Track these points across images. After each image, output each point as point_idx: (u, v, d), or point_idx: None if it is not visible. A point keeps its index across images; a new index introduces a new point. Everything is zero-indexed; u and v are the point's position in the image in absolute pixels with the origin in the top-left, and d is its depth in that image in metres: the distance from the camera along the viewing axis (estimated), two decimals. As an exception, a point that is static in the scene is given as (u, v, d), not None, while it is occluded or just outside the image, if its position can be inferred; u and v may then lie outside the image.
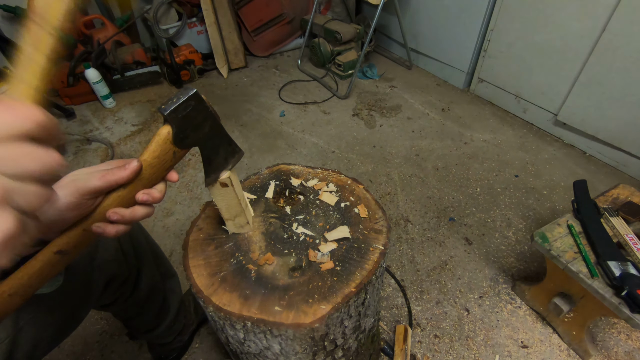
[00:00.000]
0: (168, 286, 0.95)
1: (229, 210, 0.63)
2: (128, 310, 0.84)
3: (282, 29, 2.77)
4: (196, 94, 0.49)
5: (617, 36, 1.48)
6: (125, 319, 0.91)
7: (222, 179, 0.57)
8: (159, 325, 0.94)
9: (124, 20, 2.61)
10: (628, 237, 0.93)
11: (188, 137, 0.50)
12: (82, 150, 1.95)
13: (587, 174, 1.68)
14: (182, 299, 1.03)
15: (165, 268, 0.96)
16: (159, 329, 0.94)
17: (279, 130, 2.03)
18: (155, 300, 0.89)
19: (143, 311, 0.87)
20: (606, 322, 1.13)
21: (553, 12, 1.68)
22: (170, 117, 0.48)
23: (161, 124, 0.50)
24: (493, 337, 1.10)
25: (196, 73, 2.50)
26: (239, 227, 0.67)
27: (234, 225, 0.67)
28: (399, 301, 1.20)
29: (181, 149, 0.51)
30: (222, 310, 0.55)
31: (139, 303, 0.83)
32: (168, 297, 0.94)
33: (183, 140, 0.50)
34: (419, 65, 2.63)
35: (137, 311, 0.86)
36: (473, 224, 1.46)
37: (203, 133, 0.52)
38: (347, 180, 0.79)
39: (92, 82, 2.13)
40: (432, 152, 1.84)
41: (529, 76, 1.92)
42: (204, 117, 0.52)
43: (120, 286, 0.75)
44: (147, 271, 0.82)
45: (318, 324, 0.53)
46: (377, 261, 0.62)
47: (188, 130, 0.50)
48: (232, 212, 0.64)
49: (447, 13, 2.20)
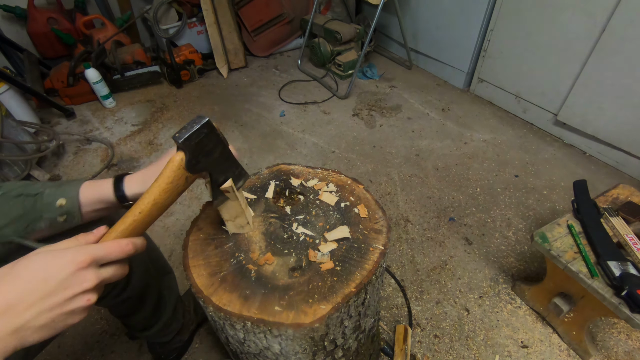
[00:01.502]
0: (164, 283, 0.95)
1: (229, 211, 0.64)
2: (123, 305, 0.84)
3: (282, 29, 2.77)
4: (208, 122, 0.52)
5: (617, 36, 1.48)
6: (122, 316, 0.91)
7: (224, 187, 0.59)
8: (156, 322, 0.94)
9: (124, 20, 2.61)
10: (628, 237, 0.93)
11: (200, 162, 0.53)
12: (82, 150, 1.95)
13: (587, 174, 1.68)
14: (179, 297, 1.03)
15: (161, 264, 0.97)
16: (156, 326, 0.95)
17: (279, 130, 2.03)
18: (150, 296, 0.89)
19: (139, 308, 0.88)
20: (606, 322, 1.13)
21: (553, 12, 1.68)
22: (184, 145, 0.50)
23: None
24: (493, 337, 1.10)
25: (196, 73, 2.50)
26: (239, 228, 0.67)
27: (234, 225, 0.67)
28: (399, 301, 1.20)
29: (193, 174, 0.53)
30: (222, 310, 0.55)
31: (133, 298, 0.84)
32: (164, 294, 0.94)
33: (195, 166, 0.53)
34: (419, 65, 2.63)
35: (132, 307, 0.86)
36: (473, 224, 1.46)
37: (213, 158, 0.55)
38: (347, 180, 0.79)
39: (92, 82, 2.13)
40: (432, 152, 1.84)
41: (529, 76, 1.92)
42: (215, 144, 0.54)
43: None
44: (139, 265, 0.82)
45: (318, 324, 0.53)
46: (377, 261, 0.62)
47: (200, 156, 0.53)
48: (232, 213, 0.64)
49: (447, 13, 2.20)
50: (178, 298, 1.02)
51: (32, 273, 0.40)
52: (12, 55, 2.31)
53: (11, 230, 0.54)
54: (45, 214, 0.55)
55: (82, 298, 0.41)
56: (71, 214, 0.57)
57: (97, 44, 2.36)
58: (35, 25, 2.35)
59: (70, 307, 0.40)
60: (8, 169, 1.54)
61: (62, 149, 1.92)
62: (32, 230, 0.55)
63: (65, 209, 0.56)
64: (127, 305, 0.84)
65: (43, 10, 2.37)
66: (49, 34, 2.38)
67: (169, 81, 2.48)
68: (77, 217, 0.58)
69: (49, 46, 2.46)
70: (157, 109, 2.25)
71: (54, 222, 0.56)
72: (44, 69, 2.34)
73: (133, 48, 2.41)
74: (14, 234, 0.54)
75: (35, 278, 0.39)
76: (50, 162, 1.86)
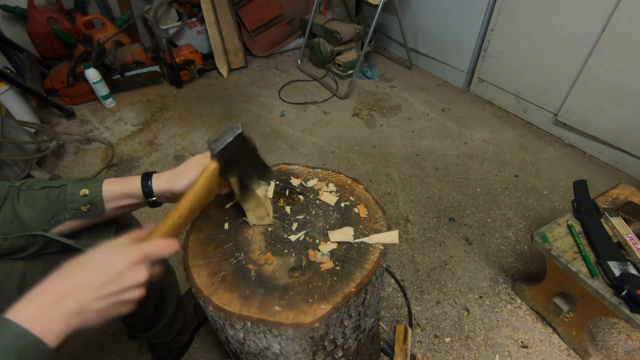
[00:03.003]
0: (165, 283, 0.95)
1: (250, 202, 0.66)
2: None
3: (282, 29, 2.77)
4: (242, 133, 0.56)
5: (617, 36, 1.48)
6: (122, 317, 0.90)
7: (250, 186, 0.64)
8: (158, 322, 0.94)
9: (124, 20, 2.61)
10: (628, 237, 0.93)
11: (232, 169, 0.59)
12: (82, 150, 1.95)
13: (587, 174, 1.68)
14: (180, 297, 1.03)
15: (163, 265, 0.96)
16: (157, 327, 0.94)
17: (279, 130, 2.03)
18: (152, 297, 0.89)
19: (141, 309, 0.87)
20: (606, 322, 1.13)
21: (553, 12, 1.68)
22: (218, 156, 0.56)
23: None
24: (493, 337, 1.10)
25: (196, 73, 2.50)
26: (259, 219, 0.69)
27: (254, 216, 0.68)
28: (399, 301, 1.20)
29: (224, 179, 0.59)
30: (222, 310, 0.55)
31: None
32: (166, 295, 0.94)
33: (227, 172, 0.59)
34: (419, 65, 2.63)
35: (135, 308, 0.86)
36: (473, 224, 1.46)
37: (244, 164, 0.61)
38: (347, 180, 0.79)
39: (92, 82, 2.13)
40: (432, 152, 1.84)
41: (529, 76, 1.92)
42: (246, 152, 0.60)
43: None
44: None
45: (318, 323, 0.53)
46: (377, 261, 0.62)
47: (232, 163, 0.58)
48: (252, 204, 0.66)
49: (447, 13, 2.20)
50: (179, 298, 1.02)
51: (97, 263, 0.46)
52: (12, 55, 2.31)
53: (37, 222, 0.57)
54: (70, 204, 0.59)
55: (134, 290, 0.47)
56: (94, 204, 0.60)
57: (97, 44, 2.36)
58: (35, 25, 2.35)
59: (124, 297, 0.46)
60: (8, 169, 1.54)
61: (62, 149, 1.92)
62: (56, 221, 0.59)
63: (89, 198, 0.59)
64: None
65: (43, 10, 2.37)
66: (49, 34, 2.38)
67: (169, 81, 2.48)
68: (99, 207, 0.60)
69: (49, 46, 2.46)
70: (157, 109, 2.25)
71: (78, 212, 0.60)
72: (44, 69, 2.34)
73: (133, 48, 2.41)
74: (39, 227, 0.58)
75: (99, 267, 0.45)
76: (50, 162, 1.86)
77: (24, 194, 0.58)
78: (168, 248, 0.52)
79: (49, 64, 2.38)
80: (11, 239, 0.56)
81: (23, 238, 0.57)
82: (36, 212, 0.57)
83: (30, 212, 0.57)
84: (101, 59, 2.24)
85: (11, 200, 0.57)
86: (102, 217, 0.63)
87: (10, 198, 0.57)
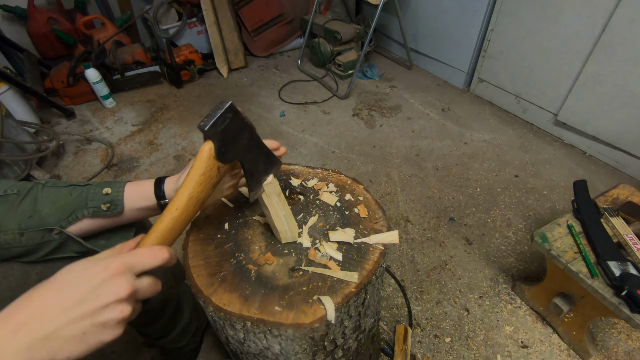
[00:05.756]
0: (181, 289, 0.94)
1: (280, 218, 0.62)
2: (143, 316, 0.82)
3: (282, 29, 2.77)
4: (232, 106, 0.50)
5: (617, 36, 1.48)
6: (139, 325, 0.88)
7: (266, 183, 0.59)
8: (174, 329, 0.92)
9: (124, 20, 2.61)
10: (628, 237, 0.93)
11: (229, 150, 0.51)
12: (82, 150, 1.95)
13: (587, 174, 1.68)
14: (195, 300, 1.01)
15: (179, 270, 0.94)
16: (174, 332, 0.93)
17: (279, 130, 2.03)
18: (170, 305, 0.87)
19: (158, 317, 0.86)
20: (606, 322, 1.13)
21: (553, 12, 1.68)
22: (210, 133, 0.49)
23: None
24: (493, 337, 1.10)
25: (196, 73, 2.50)
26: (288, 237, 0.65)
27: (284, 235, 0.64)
28: (399, 301, 1.20)
29: (224, 164, 0.52)
30: (222, 310, 0.55)
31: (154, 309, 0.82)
32: (182, 301, 0.93)
33: (225, 155, 0.51)
34: (419, 65, 2.63)
35: (152, 317, 0.85)
36: (473, 224, 1.46)
37: (242, 144, 0.54)
38: (347, 180, 0.79)
39: (92, 82, 2.13)
40: (432, 152, 1.84)
41: (529, 76, 1.92)
42: (242, 129, 0.53)
43: None
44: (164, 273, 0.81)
45: (318, 324, 0.53)
46: (377, 261, 0.62)
47: (228, 142, 0.51)
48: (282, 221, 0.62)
49: (447, 13, 2.20)
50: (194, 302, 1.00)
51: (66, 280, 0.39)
52: (12, 55, 2.31)
53: (55, 218, 0.57)
54: (91, 202, 0.59)
55: (114, 308, 0.38)
56: (114, 203, 0.60)
57: (97, 44, 2.36)
58: (35, 25, 2.35)
59: (101, 318, 0.37)
60: (8, 169, 1.54)
61: (62, 149, 1.92)
62: (75, 218, 0.58)
63: (110, 197, 0.59)
64: (147, 315, 0.83)
65: (43, 10, 2.37)
66: (49, 34, 2.38)
67: (169, 81, 2.48)
68: (119, 206, 0.60)
69: (49, 46, 2.46)
70: (157, 109, 2.25)
71: (97, 211, 0.59)
72: (44, 69, 2.34)
73: (133, 48, 2.41)
74: (57, 223, 0.57)
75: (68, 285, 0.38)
76: (50, 162, 1.86)
77: (47, 190, 0.58)
78: (154, 256, 0.43)
79: (49, 64, 2.38)
80: (27, 235, 0.55)
81: (39, 234, 0.56)
82: (56, 208, 0.57)
83: (50, 208, 0.57)
84: (101, 59, 2.24)
85: (32, 196, 0.57)
86: (120, 219, 0.62)
87: (32, 194, 0.57)
